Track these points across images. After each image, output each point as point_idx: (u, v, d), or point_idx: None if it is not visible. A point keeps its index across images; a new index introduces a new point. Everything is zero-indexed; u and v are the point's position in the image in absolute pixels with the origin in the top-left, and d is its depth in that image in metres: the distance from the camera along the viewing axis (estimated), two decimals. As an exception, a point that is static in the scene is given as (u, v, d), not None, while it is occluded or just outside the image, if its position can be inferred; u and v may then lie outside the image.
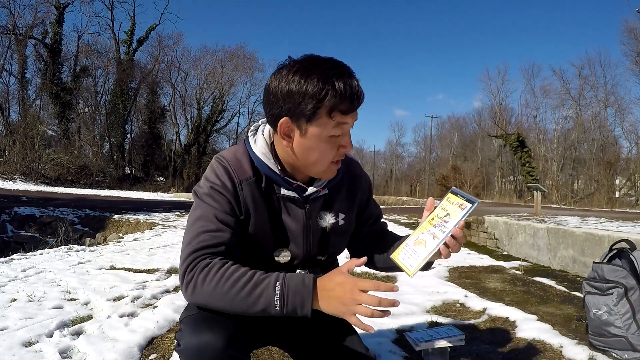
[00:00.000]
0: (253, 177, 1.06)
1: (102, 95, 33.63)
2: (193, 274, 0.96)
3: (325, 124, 0.99)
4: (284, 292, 0.93)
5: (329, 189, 1.13)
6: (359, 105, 1.01)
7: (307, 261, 1.14)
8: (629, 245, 2.02)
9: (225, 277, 0.95)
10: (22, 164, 24.63)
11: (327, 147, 1.01)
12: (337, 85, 0.96)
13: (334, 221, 1.14)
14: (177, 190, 27.96)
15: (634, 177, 26.99)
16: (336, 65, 0.99)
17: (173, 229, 7.46)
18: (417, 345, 1.69)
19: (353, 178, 1.21)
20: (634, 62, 27.84)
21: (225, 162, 1.07)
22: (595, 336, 1.94)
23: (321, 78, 0.96)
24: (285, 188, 1.08)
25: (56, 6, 28.06)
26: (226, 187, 1.04)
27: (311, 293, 0.94)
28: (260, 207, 1.07)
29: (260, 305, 0.94)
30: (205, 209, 1.03)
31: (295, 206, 1.10)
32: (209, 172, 1.08)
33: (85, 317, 2.31)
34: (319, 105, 0.96)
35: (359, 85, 1.00)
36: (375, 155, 60.14)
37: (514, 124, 37.20)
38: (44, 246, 5.69)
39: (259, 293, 0.93)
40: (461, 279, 3.59)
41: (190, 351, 0.97)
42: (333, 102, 0.96)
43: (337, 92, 0.96)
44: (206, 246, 0.99)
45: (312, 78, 0.96)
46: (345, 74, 0.98)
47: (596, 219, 7.16)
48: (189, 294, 0.97)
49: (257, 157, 1.07)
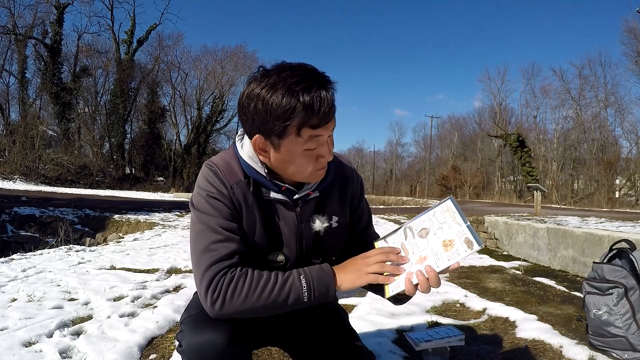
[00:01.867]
0: (244, 179, 1.05)
1: (102, 95, 33.70)
2: (219, 291, 0.95)
3: (296, 140, 0.96)
4: (309, 283, 0.99)
5: (319, 191, 1.11)
6: (331, 117, 0.97)
7: (301, 264, 1.12)
8: (629, 245, 2.02)
9: (252, 287, 0.96)
10: (22, 164, 24.61)
11: (303, 159, 1.00)
12: (304, 100, 0.92)
13: (327, 224, 1.13)
14: (177, 190, 27.96)
15: (634, 177, 27.00)
16: (304, 77, 0.93)
17: (173, 229, 7.46)
18: (417, 345, 1.69)
19: (345, 179, 1.18)
20: (634, 62, 27.90)
21: (214, 166, 1.06)
22: (595, 336, 1.94)
23: (287, 94, 0.92)
24: (274, 191, 1.06)
25: (56, 6, 28.06)
26: (221, 193, 1.03)
27: (332, 278, 1.01)
28: (252, 209, 1.05)
29: (290, 301, 0.98)
30: (206, 219, 1.02)
31: (286, 209, 1.08)
32: (201, 180, 1.06)
33: (85, 317, 2.31)
34: (287, 124, 0.94)
35: (329, 95, 0.95)
36: (375, 155, 60.22)
37: (514, 124, 37.29)
38: (44, 246, 5.69)
39: (288, 290, 0.98)
40: (461, 279, 3.59)
41: (192, 351, 0.97)
42: (300, 119, 0.93)
43: (304, 108, 0.92)
44: (221, 258, 0.97)
45: (277, 95, 0.93)
46: (312, 87, 0.93)
47: (596, 219, 7.16)
48: (216, 311, 0.96)
49: (244, 160, 1.06)
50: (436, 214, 1.04)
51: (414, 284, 0.97)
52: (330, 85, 0.96)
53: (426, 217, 1.05)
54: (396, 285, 1.00)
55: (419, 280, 0.96)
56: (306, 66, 0.98)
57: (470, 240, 0.97)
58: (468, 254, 0.96)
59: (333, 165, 1.12)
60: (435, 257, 0.98)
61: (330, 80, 0.97)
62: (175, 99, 37.25)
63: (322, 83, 0.95)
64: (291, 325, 1.22)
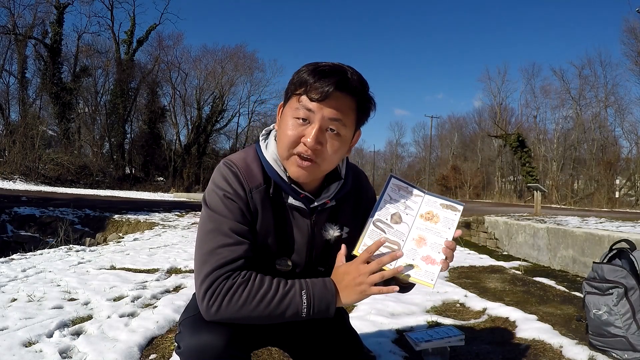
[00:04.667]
0: (263, 184, 1.04)
1: (102, 95, 33.66)
2: (217, 296, 0.94)
3: (291, 105, 1.00)
4: (310, 300, 0.97)
5: (336, 200, 1.10)
6: (328, 95, 0.94)
7: (307, 271, 1.12)
8: (629, 245, 2.02)
9: (251, 296, 0.95)
10: (22, 164, 24.61)
11: (288, 127, 0.99)
12: (310, 73, 0.97)
13: (338, 234, 1.12)
14: (177, 190, 27.95)
15: (634, 177, 26.99)
16: (329, 63, 0.99)
17: (173, 229, 7.46)
18: (417, 345, 1.69)
19: (360, 191, 1.18)
20: (634, 62, 27.87)
21: (235, 168, 1.03)
22: (595, 336, 1.94)
23: (306, 67, 0.99)
24: (293, 197, 1.05)
25: (56, 6, 28.05)
26: (238, 195, 1.01)
27: (334, 296, 0.99)
28: (267, 215, 1.04)
29: (287, 315, 0.97)
30: (218, 221, 1.00)
31: (301, 217, 1.08)
32: (218, 178, 1.04)
33: (85, 317, 2.31)
34: (291, 87, 1.00)
35: (334, 82, 0.95)
36: (375, 155, 60.26)
37: (514, 124, 37.29)
38: (44, 246, 5.69)
39: (287, 304, 0.96)
40: (461, 279, 3.59)
41: (190, 352, 0.97)
42: (299, 82, 0.98)
43: (307, 73, 0.97)
44: (225, 263, 0.96)
45: (302, 69, 1.00)
46: (331, 68, 0.97)
47: (596, 219, 7.16)
48: (211, 314, 0.95)
49: (267, 162, 1.05)
50: (392, 197, 1.07)
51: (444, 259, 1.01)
52: (351, 77, 0.98)
53: (384, 203, 1.07)
54: (426, 273, 1.00)
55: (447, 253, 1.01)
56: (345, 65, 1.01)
57: (448, 204, 1.03)
58: (458, 217, 1.02)
59: (352, 175, 1.14)
60: (433, 232, 1.02)
61: (357, 77, 0.99)
62: (175, 99, 37.26)
63: (344, 72, 0.97)
64: (291, 325, 1.21)
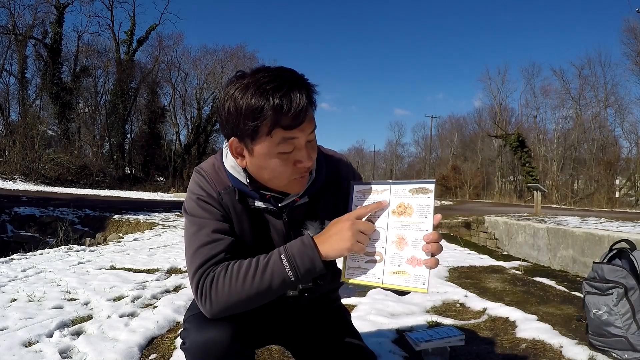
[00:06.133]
0: (231, 186, 1.05)
1: (102, 95, 33.61)
2: (205, 292, 0.96)
3: (269, 142, 0.93)
4: (291, 260, 0.94)
5: (309, 196, 1.08)
6: (304, 118, 0.92)
7: None
8: (629, 245, 2.02)
9: (233, 279, 0.94)
10: (22, 164, 24.58)
11: (278, 164, 0.96)
12: (273, 100, 0.89)
13: (320, 229, 1.06)
14: (177, 190, 27.91)
15: (634, 177, 26.97)
16: (277, 77, 0.91)
17: (173, 229, 7.46)
18: (417, 345, 1.69)
19: (339, 181, 1.12)
20: (634, 62, 27.88)
21: (203, 172, 1.07)
22: (595, 336, 1.94)
23: (256, 94, 0.90)
24: (258, 200, 1.05)
25: (56, 6, 28.01)
26: (211, 196, 1.03)
27: (314, 249, 0.95)
28: (241, 217, 1.05)
29: (276, 282, 0.94)
30: (197, 223, 1.02)
31: (273, 217, 1.08)
32: (191, 185, 1.07)
33: (85, 317, 2.31)
34: (257, 124, 0.91)
35: (301, 96, 0.91)
36: (375, 155, 60.32)
37: (514, 124, 37.24)
38: (44, 246, 5.69)
39: (270, 273, 0.94)
40: (461, 279, 3.59)
41: (196, 348, 0.98)
42: (270, 119, 0.90)
43: (273, 107, 0.89)
44: (206, 260, 0.97)
45: (247, 95, 0.91)
46: (284, 87, 0.90)
47: (596, 219, 7.16)
48: (208, 310, 0.96)
49: (228, 171, 1.05)
50: (356, 203, 1.03)
51: (429, 258, 0.92)
52: (305, 86, 0.93)
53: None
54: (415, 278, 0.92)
55: (430, 250, 0.92)
56: (282, 68, 0.95)
57: (418, 187, 0.94)
58: (432, 199, 0.94)
59: (325, 167, 1.10)
60: (410, 227, 0.94)
61: (307, 82, 0.94)
62: (175, 99, 37.22)
63: (296, 84, 0.92)
64: (294, 324, 1.22)
